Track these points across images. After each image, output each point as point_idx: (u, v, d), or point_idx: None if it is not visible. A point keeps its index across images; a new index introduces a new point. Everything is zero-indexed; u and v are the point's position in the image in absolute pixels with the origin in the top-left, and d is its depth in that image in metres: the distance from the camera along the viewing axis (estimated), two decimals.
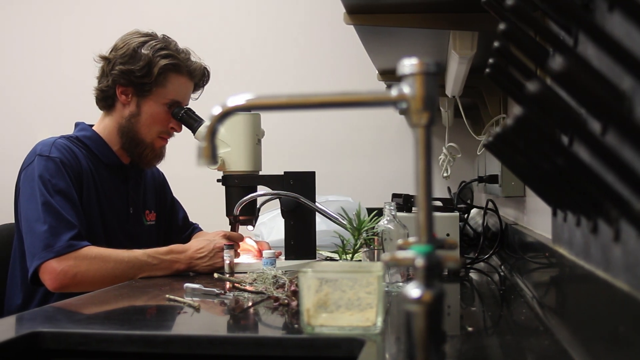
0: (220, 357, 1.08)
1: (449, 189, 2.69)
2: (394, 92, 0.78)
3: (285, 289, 1.34)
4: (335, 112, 3.12)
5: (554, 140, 0.68)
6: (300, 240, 1.81)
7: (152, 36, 1.87)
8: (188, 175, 2.84)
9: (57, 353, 1.11)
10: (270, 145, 2.01)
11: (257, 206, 1.88)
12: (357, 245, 1.48)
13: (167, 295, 1.38)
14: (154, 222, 2.00)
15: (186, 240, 2.10)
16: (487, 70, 1.00)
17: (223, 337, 1.09)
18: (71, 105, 3.32)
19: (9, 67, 3.45)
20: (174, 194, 2.15)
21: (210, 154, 0.80)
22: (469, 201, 1.92)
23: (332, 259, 2.04)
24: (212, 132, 0.79)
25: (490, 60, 0.97)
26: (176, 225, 2.12)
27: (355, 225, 1.47)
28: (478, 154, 2.02)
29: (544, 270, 1.20)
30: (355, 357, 1.03)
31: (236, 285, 1.41)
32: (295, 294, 1.31)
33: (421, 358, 0.67)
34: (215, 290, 1.43)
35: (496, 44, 0.89)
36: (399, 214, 1.57)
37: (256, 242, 1.96)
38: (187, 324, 1.20)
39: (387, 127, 3.07)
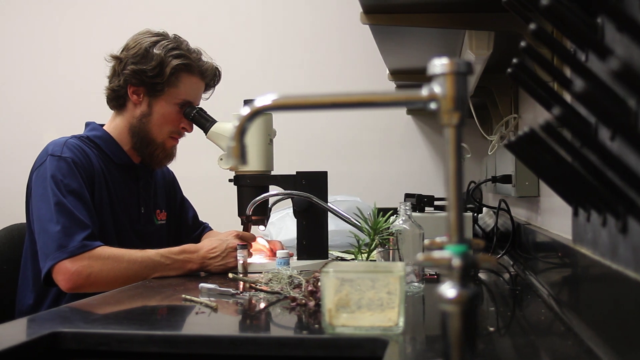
0: (241, 357, 1.08)
1: None
2: (424, 92, 0.78)
3: (302, 289, 1.34)
4: (341, 112, 3.12)
5: (591, 138, 0.68)
6: (312, 240, 1.81)
7: (163, 36, 1.87)
8: (198, 174, 2.85)
9: (77, 353, 1.11)
10: (277, 145, 2.01)
11: (269, 206, 1.88)
12: (373, 245, 1.47)
13: (183, 295, 1.38)
14: (164, 221, 2.00)
15: (196, 239, 2.11)
16: (510, 70, 1.00)
17: (245, 338, 1.08)
18: (78, 105, 3.32)
19: (16, 68, 3.44)
20: (184, 194, 2.15)
21: (240, 154, 0.79)
22: (477, 201, 1.92)
23: (343, 259, 2.03)
24: (242, 132, 0.79)
25: (515, 60, 0.97)
26: (186, 224, 2.12)
27: (370, 225, 1.47)
28: (489, 153, 2.02)
29: (564, 269, 1.20)
30: (378, 357, 1.03)
31: (253, 285, 1.41)
32: (313, 294, 1.31)
33: (456, 358, 0.67)
34: (230, 290, 1.42)
35: (523, 43, 0.89)
36: (412, 214, 1.57)
37: (268, 241, 1.96)
38: (206, 324, 1.20)
39: (394, 127, 3.07)
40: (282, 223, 2.39)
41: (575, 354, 0.92)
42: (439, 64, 0.77)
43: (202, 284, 1.46)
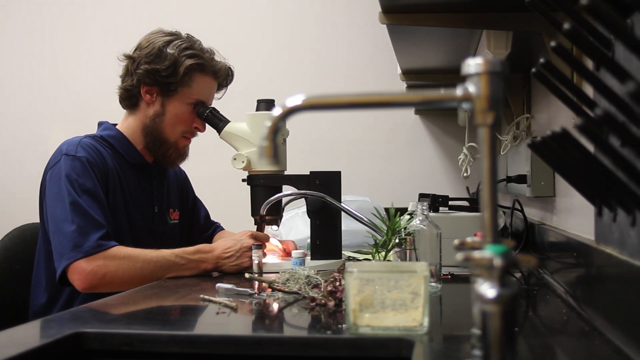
0: (265, 357, 1.07)
1: (467, 189, 2.69)
2: (459, 92, 0.78)
3: (322, 289, 1.34)
4: (348, 112, 3.11)
5: (632, 138, 0.68)
6: (326, 240, 1.81)
7: (176, 35, 1.86)
8: (208, 174, 2.85)
9: (99, 353, 1.10)
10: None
11: (282, 206, 1.88)
12: (390, 246, 1.47)
13: (201, 296, 1.38)
14: (177, 220, 1.99)
15: (208, 239, 2.11)
16: (534, 70, 1.00)
17: (270, 338, 1.08)
18: (87, 105, 3.32)
19: (27, 67, 3.44)
20: (195, 193, 2.15)
21: (272, 154, 0.79)
22: None
23: (355, 259, 2.03)
24: (274, 132, 0.79)
25: (541, 60, 0.97)
26: (198, 223, 2.11)
27: (388, 225, 1.47)
28: (501, 153, 2.02)
29: (585, 269, 1.20)
30: (403, 357, 1.03)
31: (272, 285, 1.40)
32: (332, 294, 1.31)
33: (497, 358, 0.67)
34: (248, 290, 1.42)
35: (553, 43, 0.89)
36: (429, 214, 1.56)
37: (281, 242, 1.96)
38: (228, 325, 1.19)
39: (402, 127, 3.07)
40: (292, 223, 2.39)
41: (606, 354, 0.92)
42: (473, 64, 0.77)
43: (219, 284, 1.46)
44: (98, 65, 3.33)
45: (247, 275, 1.61)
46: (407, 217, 1.71)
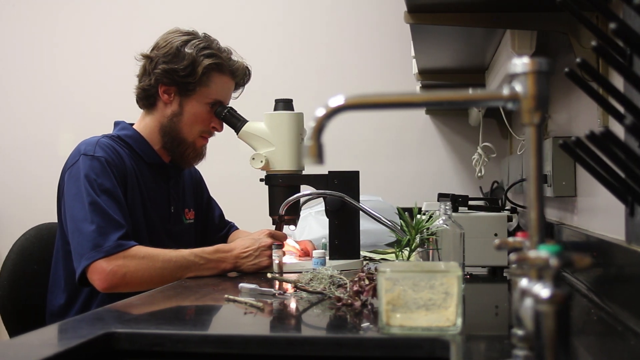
0: (297, 357, 1.07)
1: (480, 188, 2.69)
2: (505, 91, 0.77)
3: (347, 289, 1.33)
4: (358, 112, 3.11)
5: None
6: (344, 240, 1.81)
7: (194, 35, 1.86)
8: (222, 174, 2.84)
9: (130, 354, 1.10)
10: None
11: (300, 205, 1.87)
12: (414, 246, 1.47)
13: (225, 296, 1.37)
14: (192, 220, 1.99)
15: (223, 238, 2.10)
16: (567, 69, 1.00)
17: (302, 338, 1.08)
18: (95, 106, 3.32)
19: (35, 67, 3.44)
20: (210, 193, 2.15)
21: (317, 153, 0.79)
22: (512, 202, 1.91)
23: (371, 259, 2.03)
24: (319, 131, 0.78)
25: (578, 60, 0.97)
26: (212, 223, 2.11)
27: (412, 225, 1.46)
28: (518, 153, 2.01)
29: (616, 269, 1.20)
30: (437, 357, 1.02)
31: (298, 285, 1.40)
32: (359, 294, 1.30)
33: (551, 358, 0.66)
34: (272, 290, 1.42)
35: (593, 43, 0.89)
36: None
37: (298, 242, 1.95)
38: (257, 325, 1.19)
39: (413, 127, 3.07)
40: (306, 223, 2.38)
41: None
42: (520, 63, 0.77)
43: (242, 284, 1.45)
44: (109, 66, 3.33)
45: (269, 275, 1.60)
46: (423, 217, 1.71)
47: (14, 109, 3.44)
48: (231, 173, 2.92)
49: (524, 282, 0.81)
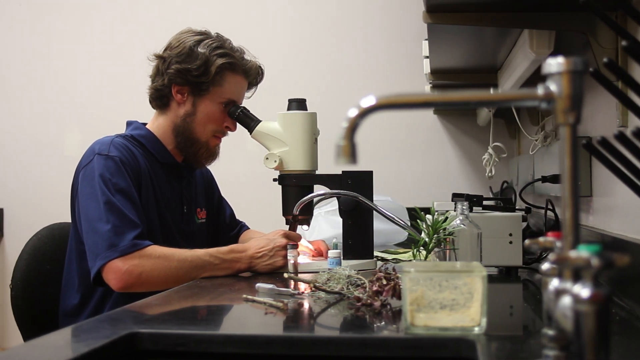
0: (320, 357, 1.07)
1: (490, 188, 2.69)
2: (540, 91, 0.77)
3: (367, 289, 1.33)
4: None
5: None
6: (358, 240, 1.80)
7: (206, 34, 1.86)
8: (232, 173, 2.84)
9: (153, 354, 1.10)
10: None
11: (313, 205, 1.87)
12: (431, 246, 1.47)
13: (243, 296, 1.37)
14: (204, 220, 1.99)
15: (234, 238, 2.10)
16: (592, 69, 0.99)
17: (327, 338, 1.07)
18: (102, 105, 3.32)
19: (44, 66, 3.44)
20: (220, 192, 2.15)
21: (350, 153, 0.78)
22: (526, 202, 1.91)
23: (383, 259, 2.03)
24: (353, 130, 0.78)
25: (605, 60, 0.97)
26: (223, 222, 2.11)
27: (430, 225, 1.46)
28: (530, 153, 2.01)
29: (637, 268, 1.20)
30: (462, 357, 1.02)
31: (317, 285, 1.40)
32: (378, 294, 1.30)
33: (592, 358, 0.66)
34: (290, 290, 1.42)
35: (624, 43, 0.89)
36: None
37: (311, 242, 1.95)
38: (279, 325, 1.19)
39: (420, 126, 3.07)
40: (316, 223, 2.38)
41: None
42: (554, 63, 0.77)
43: (259, 284, 1.45)
44: (118, 66, 3.33)
45: (285, 275, 1.60)
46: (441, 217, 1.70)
47: (25, 110, 3.44)
48: (240, 173, 2.92)
49: (555, 282, 0.81)
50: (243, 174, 2.94)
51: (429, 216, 1.56)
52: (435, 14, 1.36)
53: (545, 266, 0.83)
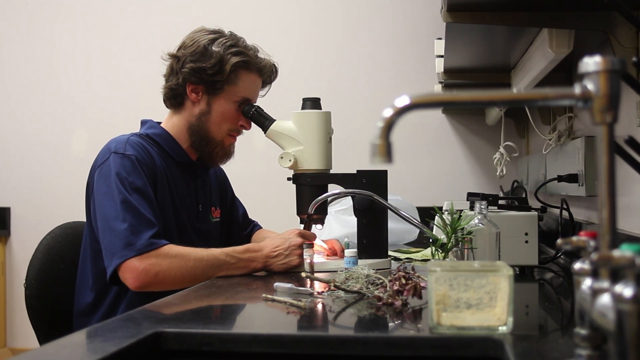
0: (346, 357, 1.07)
1: (501, 188, 2.69)
2: (577, 90, 0.77)
3: (387, 289, 1.33)
4: (375, 111, 3.12)
5: None
6: (373, 239, 1.80)
7: (220, 33, 1.85)
8: (246, 173, 2.85)
9: (177, 353, 1.09)
10: None
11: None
12: (450, 245, 1.47)
13: (263, 295, 1.37)
14: (218, 219, 1.99)
15: (247, 237, 2.10)
16: (635, 59, 0.99)
17: (354, 337, 1.07)
18: (108, 104, 3.31)
19: (54, 65, 3.44)
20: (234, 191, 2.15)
21: (386, 152, 0.78)
22: (541, 201, 1.91)
23: (396, 259, 2.03)
24: (388, 129, 0.78)
25: (634, 59, 0.97)
26: (236, 222, 2.11)
27: (449, 224, 1.46)
28: (544, 152, 2.01)
29: None
30: (489, 357, 1.02)
31: (337, 285, 1.40)
32: (399, 293, 1.30)
33: (635, 358, 0.66)
34: (309, 289, 1.41)
35: None
36: (472, 212, 1.55)
37: (325, 241, 1.95)
38: (303, 324, 1.19)
39: (429, 126, 3.07)
40: (326, 222, 2.37)
41: None
42: (592, 62, 0.77)
43: (277, 283, 1.45)
44: (125, 66, 3.33)
45: (303, 274, 1.60)
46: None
47: (31, 109, 3.44)
48: (251, 172, 2.92)
49: (589, 282, 0.81)
50: (255, 173, 2.94)
51: (447, 215, 1.56)
52: (456, 13, 1.36)
53: (577, 265, 0.83)
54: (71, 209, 2.31)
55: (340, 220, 2.39)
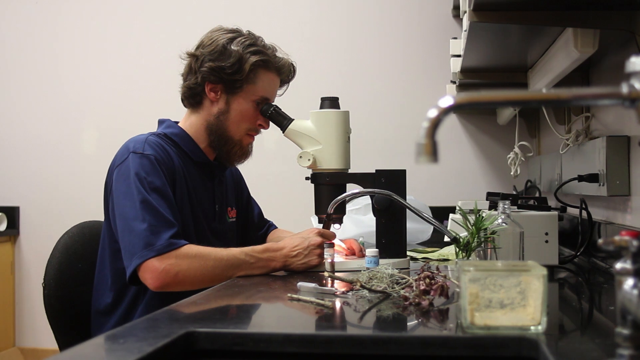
0: (379, 357, 1.06)
1: (514, 187, 2.69)
2: (624, 89, 0.77)
3: (414, 288, 1.33)
4: (384, 110, 3.12)
5: None
6: (391, 239, 1.80)
7: (238, 32, 1.85)
8: (259, 173, 2.85)
9: (208, 353, 1.09)
10: None
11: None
12: (474, 245, 1.47)
13: (289, 295, 1.37)
14: (234, 219, 1.98)
15: (262, 237, 2.10)
16: None
17: (387, 337, 1.07)
18: (117, 103, 3.31)
19: (69, 63, 3.43)
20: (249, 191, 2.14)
21: (432, 151, 0.78)
22: (561, 201, 1.91)
23: (413, 258, 2.03)
24: (434, 129, 0.78)
25: None
26: (252, 221, 2.10)
27: (472, 224, 1.46)
28: (561, 152, 2.01)
29: None
30: (524, 357, 1.02)
31: (364, 284, 1.39)
32: (426, 293, 1.30)
33: None
34: (334, 289, 1.41)
35: None
36: (492, 212, 1.56)
37: (343, 240, 1.95)
38: (335, 324, 1.18)
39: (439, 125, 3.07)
40: None
41: None
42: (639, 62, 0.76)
43: (300, 283, 1.44)
44: (135, 65, 3.32)
45: (326, 274, 1.60)
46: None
47: (41, 109, 3.44)
48: (260, 172, 2.91)
49: (630, 282, 0.81)
50: (266, 173, 2.94)
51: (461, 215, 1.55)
52: (481, 12, 1.36)
53: (619, 265, 0.83)
54: (80, 209, 2.31)
55: (354, 220, 2.39)
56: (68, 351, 0.98)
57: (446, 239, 2.35)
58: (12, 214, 3.41)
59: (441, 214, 2.46)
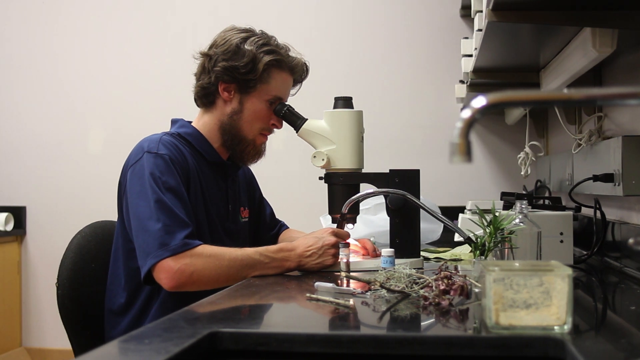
0: (404, 357, 1.06)
1: (524, 187, 2.69)
2: None
3: (434, 288, 1.32)
4: (396, 111, 3.12)
5: None
6: (405, 239, 1.80)
7: (251, 32, 1.85)
8: (268, 173, 2.85)
9: (232, 353, 1.09)
10: None
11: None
12: (492, 244, 1.46)
13: (307, 295, 1.36)
14: (247, 219, 1.98)
15: (274, 237, 2.10)
16: None
17: (412, 337, 1.07)
18: (124, 103, 3.30)
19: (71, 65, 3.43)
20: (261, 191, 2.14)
21: (466, 151, 0.78)
22: (576, 201, 1.90)
23: (426, 258, 2.03)
24: (468, 129, 0.78)
25: None
26: (264, 221, 2.10)
27: (490, 224, 1.46)
28: (574, 152, 2.01)
29: None
30: (550, 357, 1.02)
31: (383, 284, 1.39)
32: (446, 293, 1.30)
33: None
34: (352, 289, 1.41)
35: None
36: (510, 212, 1.55)
37: (358, 240, 1.94)
38: (358, 324, 1.18)
39: (446, 125, 3.07)
40: None
41: None
42: None
43: (318, 283, 1.44)
44: (140, 64, 3.32)
45: (342, 274, 1.59)
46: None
47: (47, 108, 3.43)
48: (267, 173, 2.91)
49: None
50: (273, 173, 2.94)
51: (472, 215, 1.56)
52: (500, 12, 1.36)
53: None
54: (87, 208, 2.31)
55: (364, 220, 2.39)
56: (94, 352, 0.97)
57: (456, 238, 2.35)
58: (18, 214, 3.41)
59: (450, 213, 2.46)
